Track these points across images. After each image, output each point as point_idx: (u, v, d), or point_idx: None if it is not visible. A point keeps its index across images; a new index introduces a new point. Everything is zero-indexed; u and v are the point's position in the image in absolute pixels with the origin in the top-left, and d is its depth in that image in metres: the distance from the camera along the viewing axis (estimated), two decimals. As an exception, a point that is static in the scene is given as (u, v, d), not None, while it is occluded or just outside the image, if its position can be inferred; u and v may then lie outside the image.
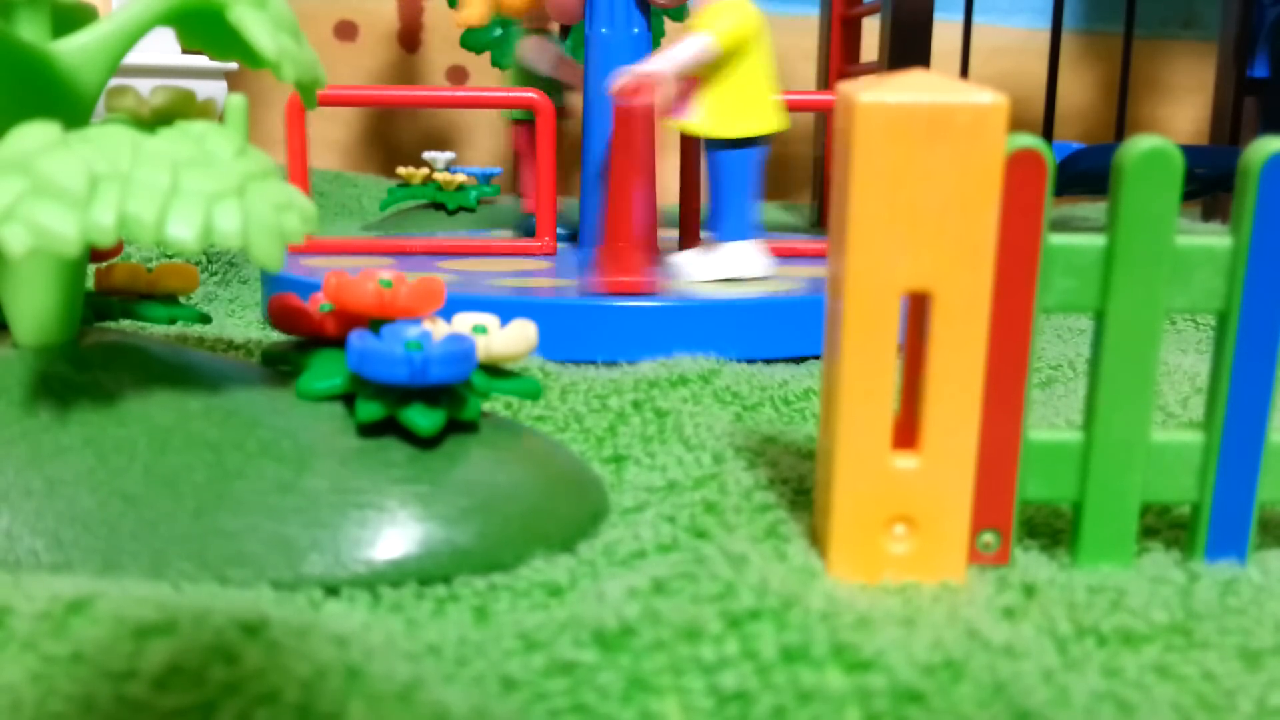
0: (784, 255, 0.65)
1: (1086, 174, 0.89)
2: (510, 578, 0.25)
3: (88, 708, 0.19)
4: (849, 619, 0.22)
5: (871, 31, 0.90)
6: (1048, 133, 1.10)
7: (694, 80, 0.54)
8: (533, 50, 0.78)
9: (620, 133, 0.56)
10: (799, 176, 1.29)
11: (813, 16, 1.00)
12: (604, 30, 0.62)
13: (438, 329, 0.30)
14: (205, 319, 0.37)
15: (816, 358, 0.50)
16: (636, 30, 0.62)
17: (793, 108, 0.63)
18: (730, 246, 0.55)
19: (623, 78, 0.52)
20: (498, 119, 1.29)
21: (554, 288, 0.52)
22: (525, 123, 0.85)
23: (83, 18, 0.29)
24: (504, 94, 0.68)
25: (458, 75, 1.31)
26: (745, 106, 0.54)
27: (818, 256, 0.66)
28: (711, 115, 0.54)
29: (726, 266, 0.55)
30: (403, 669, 0.20)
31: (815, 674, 0.20)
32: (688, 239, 0.65)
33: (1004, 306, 0.26)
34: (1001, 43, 1.37)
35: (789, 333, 0.49)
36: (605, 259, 0.53)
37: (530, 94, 0.64)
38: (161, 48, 0.85)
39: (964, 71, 1.08)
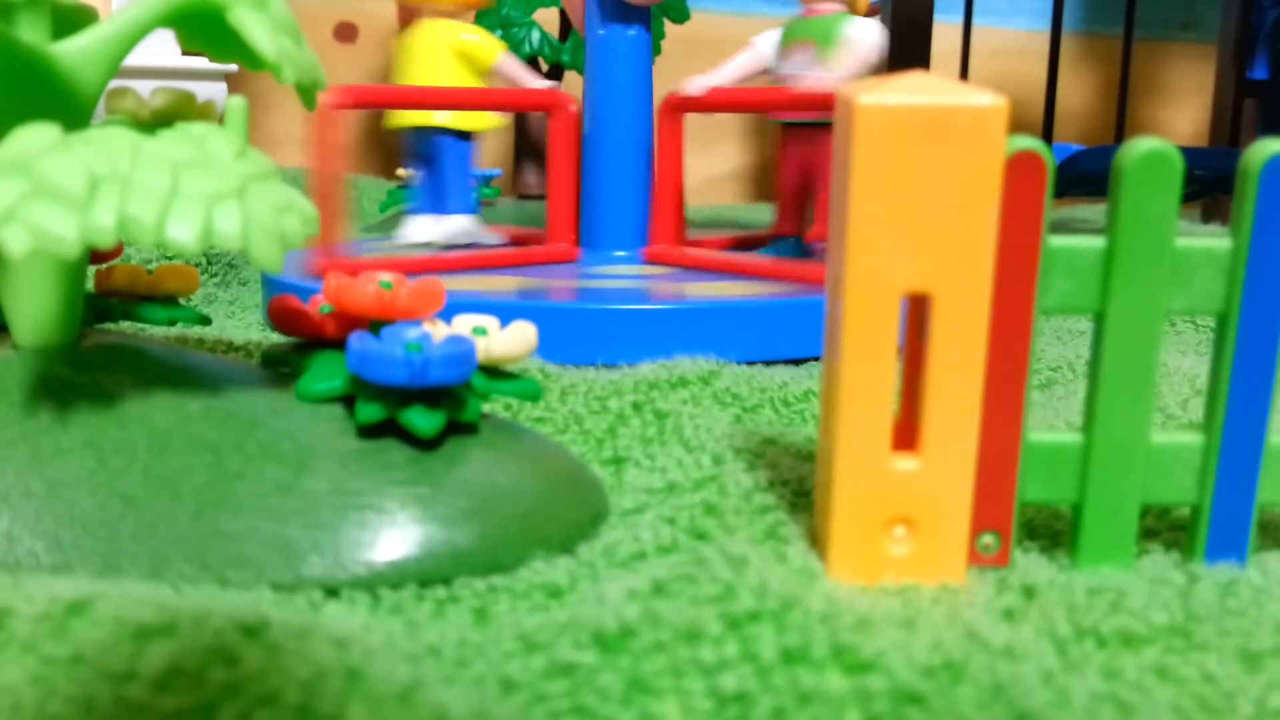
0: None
1: (1086, 176, 0.89)
2: (510, 579, 0.25)
3: (87, 709, 0.19)
4: (849, 620, 0.22)
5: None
6: (1047, 134, 1.10)
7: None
8: None
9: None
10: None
11: (812, 18, 1.00)
12: (601, 32, 0.62)
13: (437, 331, 0.30)
14: (205, 321, 0.37)
15: (816, 359, 0.50)
16: (633, 32, 0.62)
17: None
18: None
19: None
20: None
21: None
22: None
23: (83, 19, 0.30)
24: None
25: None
26: None
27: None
28: None
29: None
30: (402, 670, 0.20)
31: (815, 675, 0.20)
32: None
33: (1004, 308, 0.26)
34: (1001, 44, 1.37)
35: (789, 334, 0.49)
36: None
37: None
38: (161, 49, 0.85)
39: (964, 73, 1.08)
